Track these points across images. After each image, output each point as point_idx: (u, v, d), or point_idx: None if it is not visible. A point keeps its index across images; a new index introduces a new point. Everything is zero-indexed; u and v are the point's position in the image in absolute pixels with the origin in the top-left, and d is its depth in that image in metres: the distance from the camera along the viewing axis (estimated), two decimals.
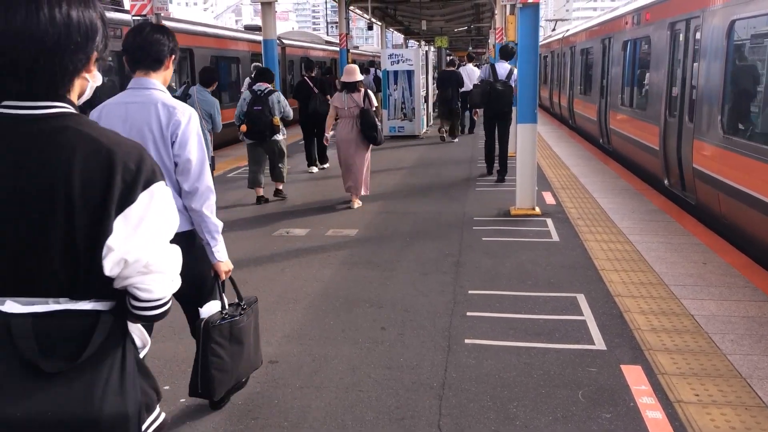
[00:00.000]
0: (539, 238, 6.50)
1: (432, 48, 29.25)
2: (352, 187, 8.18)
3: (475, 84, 10.25)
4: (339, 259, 5.98)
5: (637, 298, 4.76)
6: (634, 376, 3.60)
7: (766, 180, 5.66)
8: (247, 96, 8.38)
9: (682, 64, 8.21)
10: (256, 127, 8.21)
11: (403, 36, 37.99)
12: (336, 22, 22.86)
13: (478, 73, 12.64)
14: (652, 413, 3.22)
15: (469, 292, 5.00)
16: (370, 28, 26.41)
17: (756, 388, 3.43)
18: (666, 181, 8.74)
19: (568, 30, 20.52)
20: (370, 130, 7.95)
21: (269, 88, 8.41)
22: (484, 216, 7.51)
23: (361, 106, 7.93)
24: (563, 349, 3.96)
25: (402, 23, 30.61)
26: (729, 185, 6.40)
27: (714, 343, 3.97)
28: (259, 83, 8.44)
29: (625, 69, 11.45)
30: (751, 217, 5.98)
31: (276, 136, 8.36)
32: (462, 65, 16.37)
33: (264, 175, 8.62)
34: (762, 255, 5.81)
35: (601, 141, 13.50)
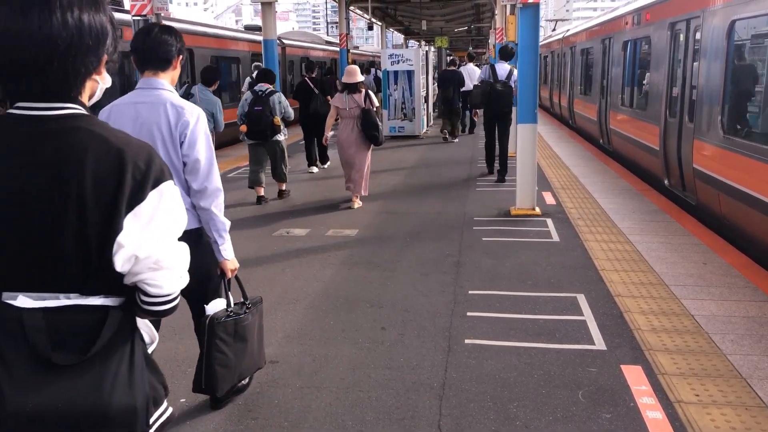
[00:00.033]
0: (539, 238, 6.51)
1: (432, 48, 29.25)
2: (353, 187, 8.19)
3: (476, 84, 10.26)
4: (339, 259, 5.98)
5: (638, 298, 4.76)
6: (634, 376, 3.60)
7: (767, 180, 5.67)
8: (248, 96, 8.40)
9: (683, 65, 8.21)
10: (257, 128, 8.23)
11: (403, 36, 37.99)
12: (336, 22, 22.87)
13: (478, 73, 12.64)
14: (653, 413, 3.22)
15: (470, 292, 5.00)
16: (371, 28, 26.42)
17: (756, 388, 3.43)
18: (666, 182, 8.74)
19: (568, 30, 20.51)
20: (371, 130, 7.96)
21: (270, 88, 8.42)
22: (485, 216, 7.51)
23: (362, 106, 7.94)
24: (563, 350, 3.96)
25: (402, 23, 30.63)
26: (729, 185, 6.40)
27: (714, 344, 3.97)
28: (260, 84, 8.46)
29: (626, 69, 11.45)
30: (752, 218, 5.98)
31: (277, 136, 8.37)
32: (462, 65, 16.34)
33: (265, 174, 8.63)
34: (762, 255, 5.81)
35: (601, 141, 13.49)
